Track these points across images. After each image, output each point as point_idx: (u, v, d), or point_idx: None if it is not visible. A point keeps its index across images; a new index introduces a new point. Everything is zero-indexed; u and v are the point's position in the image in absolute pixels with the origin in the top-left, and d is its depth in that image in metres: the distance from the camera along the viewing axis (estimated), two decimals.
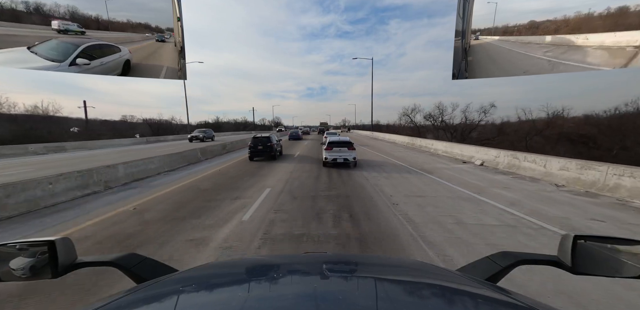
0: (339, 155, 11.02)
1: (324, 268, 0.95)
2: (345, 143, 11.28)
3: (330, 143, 11.35)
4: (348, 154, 11.08)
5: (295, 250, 3.79)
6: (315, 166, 11.59)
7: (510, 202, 5.98)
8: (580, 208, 5.58)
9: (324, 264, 1.00)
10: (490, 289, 0.71)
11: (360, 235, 4.27)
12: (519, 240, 4.06)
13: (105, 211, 5.65)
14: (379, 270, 0.95)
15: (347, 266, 1.02)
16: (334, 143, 11.30)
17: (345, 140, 11.56)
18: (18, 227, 4.81)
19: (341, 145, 11.22)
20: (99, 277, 3.03)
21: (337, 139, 11.87)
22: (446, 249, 3.75)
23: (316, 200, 6.28)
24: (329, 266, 0.98)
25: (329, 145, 11.32)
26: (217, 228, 4.60)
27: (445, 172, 9.72)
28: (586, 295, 2.67)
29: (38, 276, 0.80)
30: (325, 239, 4.11)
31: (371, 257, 1.56)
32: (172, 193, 7.20)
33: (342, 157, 10.99)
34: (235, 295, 0.69)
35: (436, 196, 6.57)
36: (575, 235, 0.82)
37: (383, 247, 3.89)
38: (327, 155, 11.13)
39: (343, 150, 11.11)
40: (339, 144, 11.26)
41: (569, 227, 4.55)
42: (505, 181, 8.24)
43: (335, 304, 0.60)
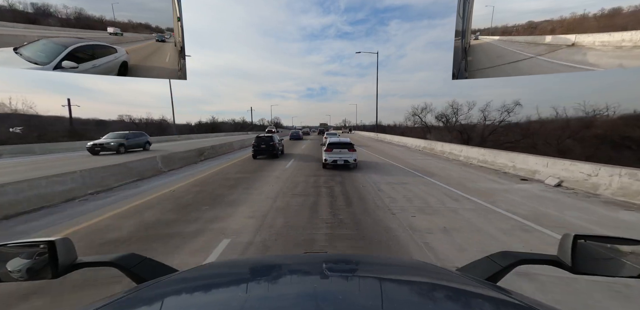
0: (339, 157, 10.59)
1: (324, 268, 0.95)
2: (346, 144, 10.82)
3: (330, 144, 10.84)
4: (348, 155, 10.61)
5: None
6: (311, 184, 8.20)
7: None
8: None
9: (324, 264, 0.99)
10: (490, 288, 0.71)
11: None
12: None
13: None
14: (379, 270, 0.94)
15: (347, 266, 1.01)
16: (334, 144, 10.82)
17: (345, 141, 11.15)
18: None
19: (341, 146, 10.76)
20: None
21: (337, 140, 11.42)
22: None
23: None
24: (329, 266, 0.98)
25: (329, 146, 10.79)
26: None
27: (512, 200, 6.19)
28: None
29: (38, 276, 0.81)
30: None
31: (371, 257, 1.45)
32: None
33: (342, 159, 10.57)
34: (236, 295, 0.68)
35: (555, 274, 3.00)
36: (575, 235, 0.82)
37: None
38: (327, 157, 10.65)
39: (343, 151, 10.66)
40: (339, 145, 10.80)
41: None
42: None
43: (336, 304, 0.60)
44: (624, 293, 2.73)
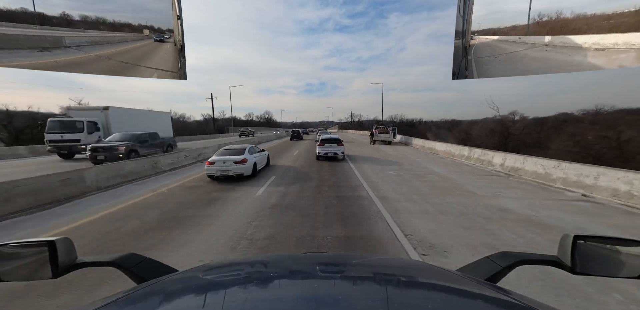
0: (330, 150, 13.03)
1: (324, 268, 0.95)
2: (335, 140, 13.50)
3: (322, 140, 13.51)
4: (337, 148, 13.08)
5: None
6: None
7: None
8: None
9: (324, 264, 1.00)
10: (490, 289, 0.71)
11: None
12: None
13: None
14: (379, 271, 0.94)
15: (346, 266, 0.99)
16: (325, 140, 13.50)
17: (334, 137, 14.00)
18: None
19: (331, 141, 13.33)
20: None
21: (328, 136, 14.35)
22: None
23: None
24: (329, 266, 0.98)
25: (321, 141, 13.40)
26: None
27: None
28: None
29: (38, 276, 0.81)
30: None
31: (371, 258, 1.39)
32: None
33: (332, 152, 13.04)
34: (236, 295, 0.68)
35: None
36: (575, 235, 0.82)
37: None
38: (320, 150, 13.12)
39: (333, 146, 13.11)
40: (329, 140, 13.43)
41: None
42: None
43: (335, 304, 0.60)
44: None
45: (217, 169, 8.59)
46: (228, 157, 8.83)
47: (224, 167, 8.57)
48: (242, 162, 8.73)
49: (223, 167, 8.57)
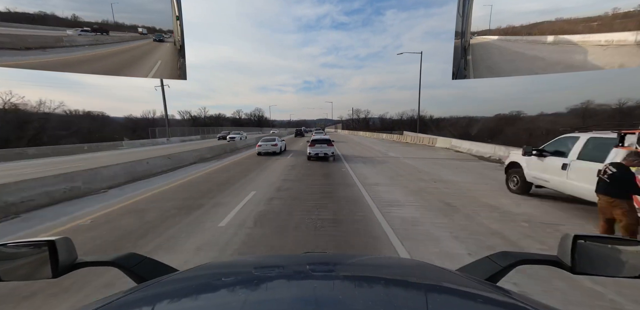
0: (320, 150, 13.19)
1: (324, 268, 0.97)
2: (325, 140, 13.85)
3: (313, 140, 13.83)
4: (327, 149, 13.25)
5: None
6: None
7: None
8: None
9: (324, 264, 1.02)
10: (490, 289, 0.72)
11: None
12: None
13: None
14: (379, 271, 0.94)
15: (347, 266, 1.00)
16: (316, 140, 13.81)
17: (325, 138, 14.41)
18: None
19: (322, 142, 13.61)
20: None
21: (319, 137, 14.77)
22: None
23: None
24: (329, 266, 1.00)
25: (312, 142, 13.66)
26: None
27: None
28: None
29: (38, 276, 0.81)
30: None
31: (371, 258, 1.40)
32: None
33: (322, 152, 13.18)
34: (236, 295, 0.68)
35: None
36: (575, 235, 0.82)
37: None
38: (311, 151, 13.32)
39: (323, 146, 13.29)
40: (320, 141, 13.71)
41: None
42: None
43: (336, 304, 0.60)
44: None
45: (261, 149, 16.12)
46: (267, 143, 16.25)
47: (266, 148, 16.10)
48: (275, 145, 16.16)
49: (265, 148, 16.10)
